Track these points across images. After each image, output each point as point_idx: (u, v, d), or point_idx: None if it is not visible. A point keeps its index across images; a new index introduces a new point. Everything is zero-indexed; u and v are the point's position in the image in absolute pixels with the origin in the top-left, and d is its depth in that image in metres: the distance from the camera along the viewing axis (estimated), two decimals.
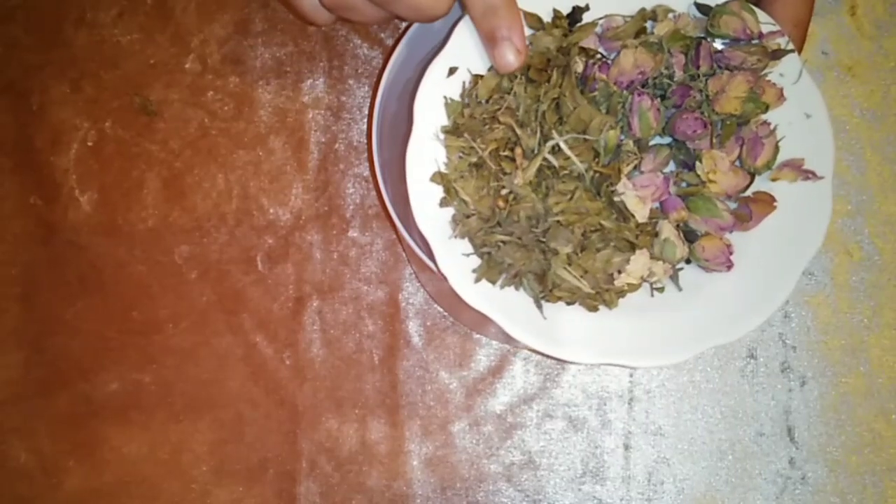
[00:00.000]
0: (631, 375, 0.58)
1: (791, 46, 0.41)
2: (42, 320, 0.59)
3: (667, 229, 0.39)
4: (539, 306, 0.39)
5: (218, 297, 0.59)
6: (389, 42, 0.62)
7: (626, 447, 0.57)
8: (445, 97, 0.40)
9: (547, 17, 0.41)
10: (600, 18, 0.41)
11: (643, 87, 0.41)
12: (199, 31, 0.62)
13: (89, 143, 0.61)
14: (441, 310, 0.58)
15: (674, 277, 0.41)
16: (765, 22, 0.41)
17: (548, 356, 0.39)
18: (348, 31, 0.62)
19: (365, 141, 0.60)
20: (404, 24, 0.62)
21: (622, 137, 0.40)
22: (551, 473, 0.57)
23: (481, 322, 0.54)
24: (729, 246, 0.40)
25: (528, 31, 0.40)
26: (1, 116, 0.61)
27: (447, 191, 0.40)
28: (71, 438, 0.57)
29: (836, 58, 0.61)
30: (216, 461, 0.57)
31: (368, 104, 0.61)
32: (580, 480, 0.57)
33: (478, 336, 0.58)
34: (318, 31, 0.62)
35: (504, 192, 0.39)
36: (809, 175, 0.40)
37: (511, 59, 0.39)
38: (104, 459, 0.57)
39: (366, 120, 0.61)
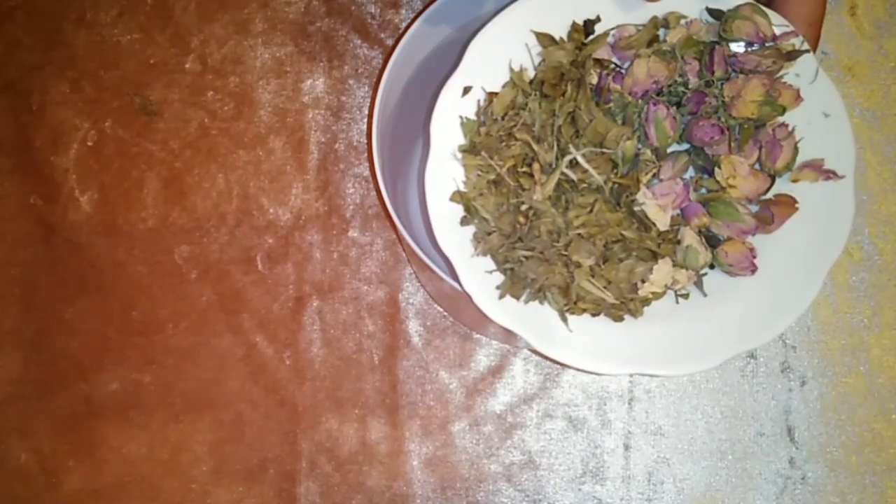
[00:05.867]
0: (631, 376, 0.58)
1: (806, 46, 0.41)
2: (42, 320, 0.59)
3: (689, 236, 0.39)
4: (564, 319, 0.39)
5: (218, 297, 0.59)
6: (389, 42, 0.62)
7: (626, 447, 0.57)
8: (461, 116, 0.40)
9: (557, 35, 0.41)
10: (612, 29, 0.41)
11: (658, 95, 0.40)
12: (199, 31, 0.62)
13: (89, 143, 0.61)
14: (441, 310, 0.58)
15: (698, 284, 0.41)
16: (778, 24, 0.40)
17: (578, 369, 0.40)
18: (348, 30, 0.62)
19: (365, 141, 0.60)
20: (404, 24, 0.62)
21: (639, 147, 0.40)
22: (551, 473, 0.57)
23: (481, 322, 0.54)
24: (752, 249, 0.40)
25: (540, 48, 0.41)
26: (1, 116, 0.61)
27: (467, 209, 0.40)
28: (71, 438, 0.57)
29: (836, 58, 0.61)
30: (216, 461, 0.57)
31: (368, 104, 0.61)
32: (580, 480, 0.57)
33: (478, 336, 0.58)
34: (318, 30, 0.62)
35: (524, 207, 0.39)
36: (830, 175, 0.40)
37: None
38: (104, 459, 0.57)
39: (366, 120, 0.61)
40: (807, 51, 0.40)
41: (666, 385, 0.58)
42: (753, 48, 0.40)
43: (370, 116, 0.59)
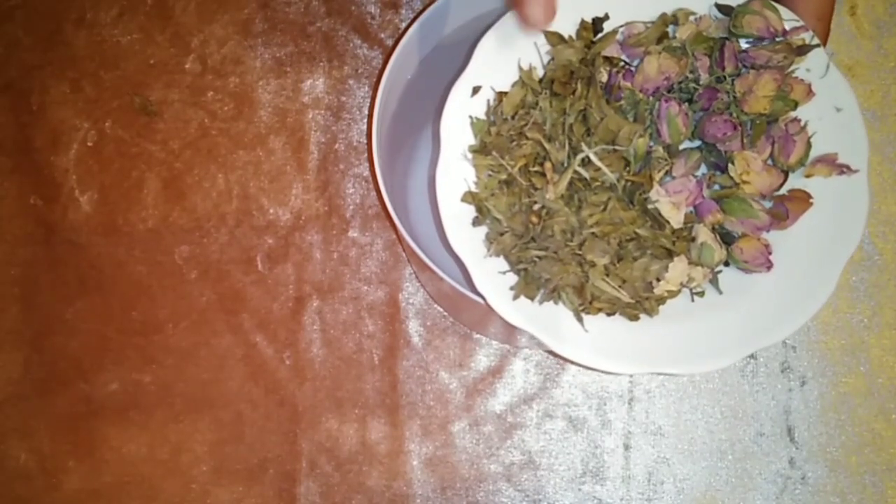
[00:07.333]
0: (631, 375, 0.58)
1: (816, 41, 0.40)
2: (42, 320, 0.59)
3: (703, 233, 0.39)
4: (580, 319, 0.39)
5: (218, 297, 0.59)
6: (389, 42, 0.62)
7: (626, 447, 0.57)
8: (471, 116, 0.40)
9: (566, 34, 0.41)
10: (621, 26, 0.41)
11: (669, 92, 0.40)
12: (199, 31, 0.62)
13: (89, 143, 0.61)
14: (441, 310, 0.58)
15: (713, 281, 0.40)
16: (787, 18, 0.40)
17: (593, 369, 0.39)
18: (348, 30, 0.62)
19: (365, 141, 0.60)
20: (404, 24, 0.62)
21: (651, 144, 0.40)
22: (551, 473, 0.57)
23: (481, 322, 0.54)
24: (767, 246, 0.40)
25: (549, 47, 0.40)
26: (1, 116, 0.61)
27: (479, 209, 0.40)
28: (71, 438, 0.57)
29: (836, 58, 0.61)
30: (216, 461, 0.57)
31: (368, 104, 0.61)
32: (580, 480, 0.57)
33: (478, 336, 0.58)
34: (318, 30, 0.62)
35: (536, 207, 0.39)
36: (844, 169, 0.40)
37: (538, 13, 0.37)
38: (104, 459, 0.57)
39: (366, 120, 0.61)
40: (817, 45, 0.40)
41: (666, 385, 0.58)
42: (764, 43, 0.40)
43: (370, 116, 0.59)
